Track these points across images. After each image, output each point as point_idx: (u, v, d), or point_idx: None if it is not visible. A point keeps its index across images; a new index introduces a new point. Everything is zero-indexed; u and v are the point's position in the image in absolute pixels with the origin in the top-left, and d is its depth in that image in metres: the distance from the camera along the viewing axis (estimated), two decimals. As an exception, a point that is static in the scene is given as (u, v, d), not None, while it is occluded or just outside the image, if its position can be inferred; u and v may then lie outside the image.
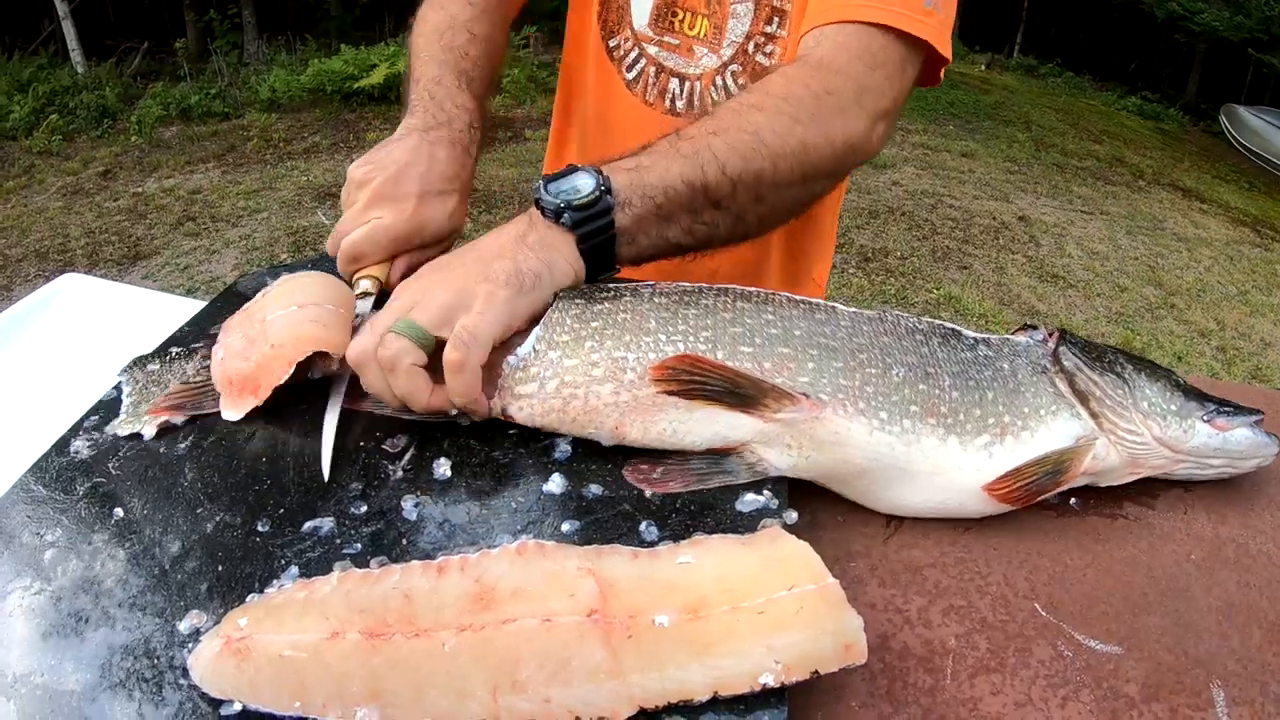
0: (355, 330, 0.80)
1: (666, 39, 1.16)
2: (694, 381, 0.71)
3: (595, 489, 0.72)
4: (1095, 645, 0.65)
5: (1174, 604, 0.69)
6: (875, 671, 0.62)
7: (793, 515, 0.70)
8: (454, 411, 0.77)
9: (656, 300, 0.79)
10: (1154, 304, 5.13)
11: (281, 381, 0.77)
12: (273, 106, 7.11)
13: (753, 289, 0.81)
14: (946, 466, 0.71)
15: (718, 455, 0.73)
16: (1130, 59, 13.19)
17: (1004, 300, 4.87)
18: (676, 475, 0.72)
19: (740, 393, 0.71)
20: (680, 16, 1.14)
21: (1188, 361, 4.47)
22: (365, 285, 0.89)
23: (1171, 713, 0.61)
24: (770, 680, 0.55)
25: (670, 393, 0.72)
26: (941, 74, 1.04)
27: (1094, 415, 0.75)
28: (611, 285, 0.82)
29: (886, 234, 5.56)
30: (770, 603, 0.58)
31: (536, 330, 0.77)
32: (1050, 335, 0.81)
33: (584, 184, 0.79)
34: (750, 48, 1.12)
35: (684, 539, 0.66)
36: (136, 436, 0.77)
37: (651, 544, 0.66)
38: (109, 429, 0.78)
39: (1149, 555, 0.73)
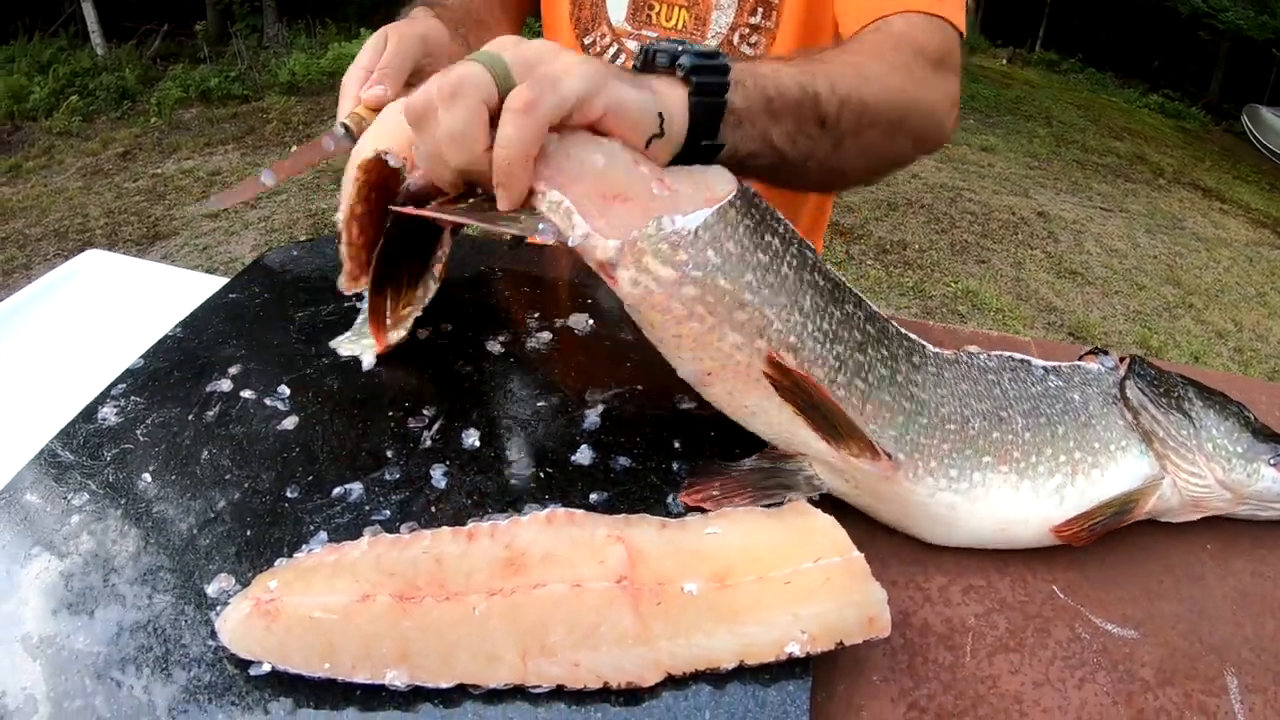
0: None
1: (645, 33, 1.15)
2: (801, 390, 0.66)
3: (623, 461, 0.73)
4: (1111, 629, 0.66)
5: (1189, 591, 0.69)
6: (896, 647, 0.63)
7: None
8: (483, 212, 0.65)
9: (815, 277, 0.69)
10: (1172, 303, 5.10)
11: (352, 200, 0.79)
12: (292, 89, 7.12)
13: (874, 309, 0.73)
14: (1013, 519, 0.69)
15: (774, 466, 0.70)
16: (1153, 56, 13.08)
17: (1021, 296, 4.85)
18: (735, 492, 0.68)
19: (834, 424, 0.66)
20: (657, 9, 1.13)
21: (1204, 362, 4.44)
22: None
23: (1186, 698, 0.61)
24: (796, 649, 0.55)
25: (773, 382, 0.66)
26: None
27: (1158, 456, 0.72)
28: (780, 218, 0.69)
29: (905, 227, 5.54)
30: (797, 574, 0.58)
31: (707, 212, 0.64)
32: (1121, 361, 0.78)
33: (700, 47, 0.71)
34: (735, 39, 1.12)
35: (711, 511, 0.66)
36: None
37: (679, 515, 0.67)
38: (333, 343, 0.84)
39: (1165, 542, 0.73)
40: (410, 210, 0.69)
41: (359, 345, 0.84)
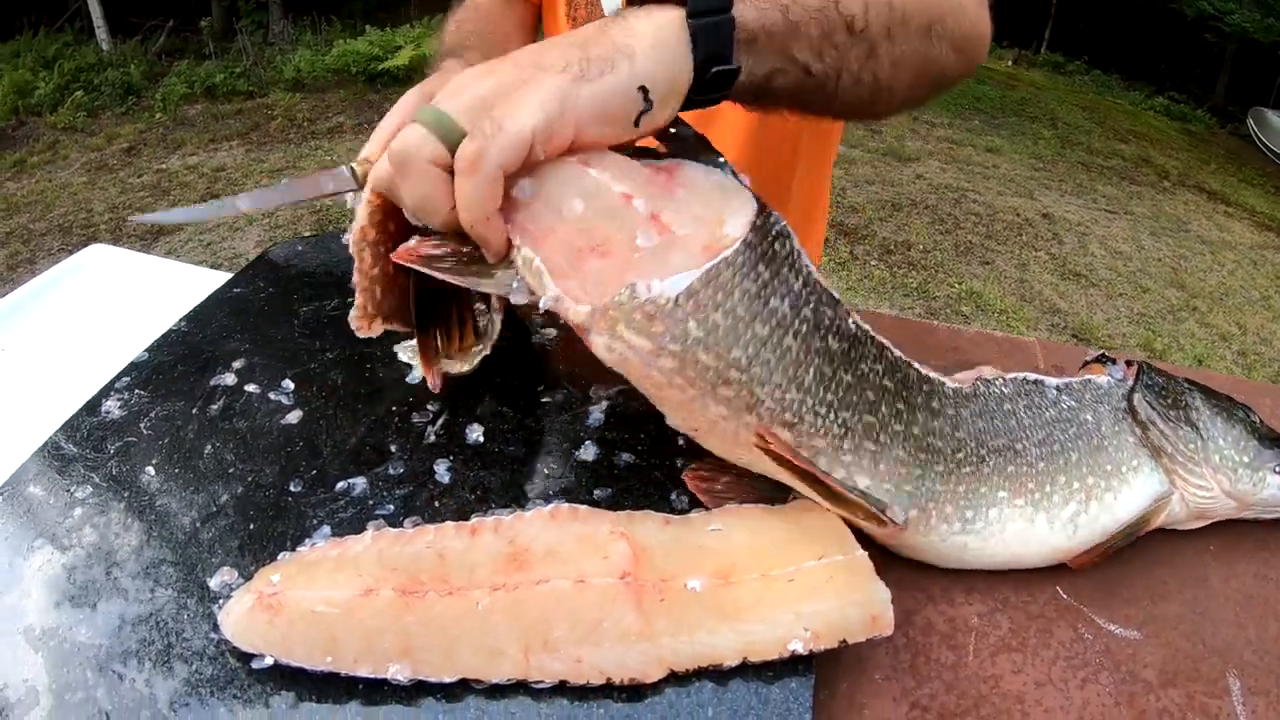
0: None
1: None
2: (793, 465, 0.61)
3: (627, 457, 0.73)
4: (1114, 629, 0.66)
5: (1192, 593, 0.69)
6: (899, 646, 0.63)
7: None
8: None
9: (829, 342, 0.62)
10: (1176, 306, 5.09)
11: (363, 221, 0.69)
12: (297, 86, 7.12)
13: (897, 356, 0.68)
14: (1025, 552, 0.68)
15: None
16: (1159, 58, 13.06)
17: (1025, 297, 4.85)
18: (738, 492, 0.67)
19: (834, 494, 0.62)
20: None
21: (1208, 365, 4.44)
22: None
23: (1188, 699, 0.61)
24: (799, 647, 0.55)
25: (765, 452, 0.61)
26: None
27: (1166, 471, 0.71)
28: (803, 268, 0.63)
29: (909, 227, 5.53)
30: (800, 572, 0.58)
31: (692, 275, 0.57)
32: (1129, 368, 0.76)
33: None
34: None
35: (715, 508, 0.66)
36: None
37: (682, 512, 0.67)
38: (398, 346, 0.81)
39: (1168, 544, 0.73)
40: (402, 260, 0.64)
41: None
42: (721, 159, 0.64)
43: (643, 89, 0.57)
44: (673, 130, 0.64)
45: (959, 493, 0.66)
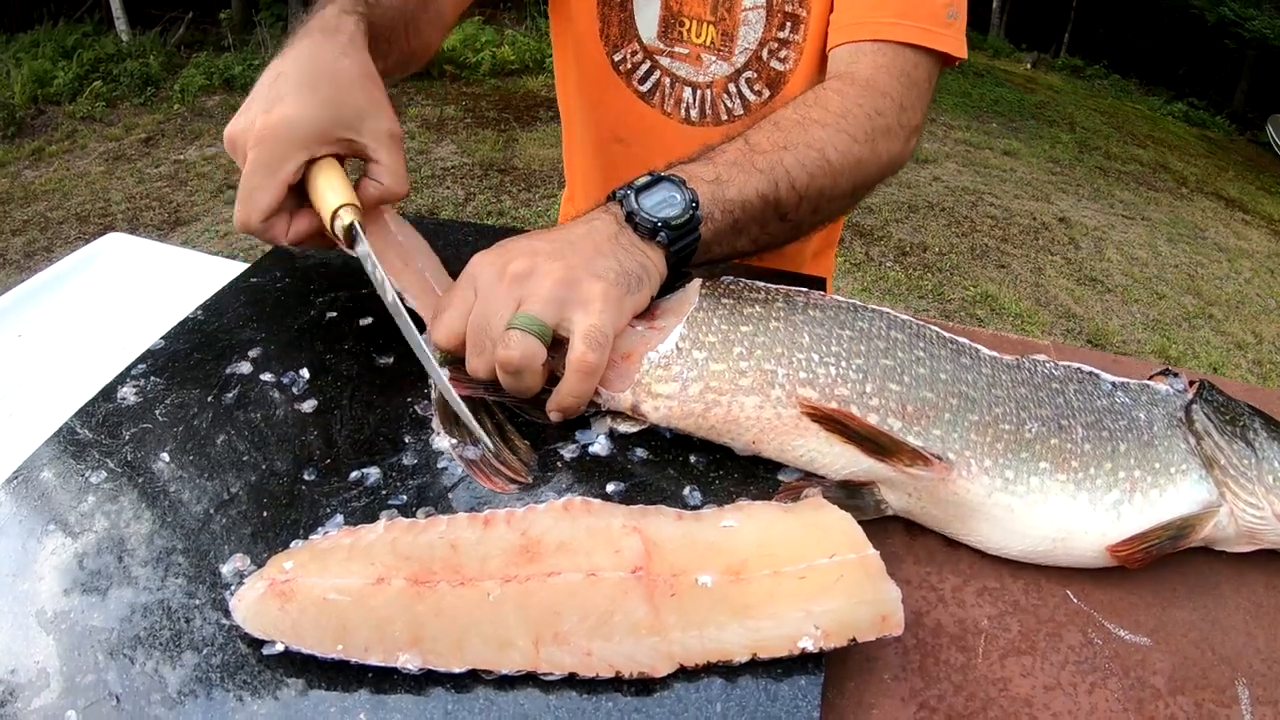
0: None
1: (677, 49, 1.17)
2: (837, 420, 0.70)
3: (641, 452, 0.73)
4: (1124, 635, 0.66)
5: (1203, 601, 0.69)
6: (908, 646, 0.63)
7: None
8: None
9: (810, 313, 0.78)
10: (1191, 313, 5.07)
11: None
12: (315, 79, 7.13)
13: (904, 318, 0.80)
14: (1072, 529, 0.68)
15: (853, 489, 0.72)
16: (1178, 64, 12.99)
17: (1040, 301, 4.83)
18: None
19: (880, 444, 0.69)
20: (687, 26, 1.15)
21: (1223, 373, 4.41)
22: (345, 219, 0.79)
23: (1196, 707, 0.61)
24: (809, 645, 0.55)
25: (813, 418, 0.70)
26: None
27: (1218, 483, 0.71)
28: (760, 287, 0.82)
29: (925, 229, 5.52)
30: (811, 569, 0.58)
31: (680, 328, 0.75)
32: (1190, 385, 0.78)
33: (675, 199, 0.79)
34: (764, 54, 1.13)
35: (727, 504, 0.66)
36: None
37: (695, 508, 0.67)
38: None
39: (1180, 551, 0.73)
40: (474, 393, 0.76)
41: None
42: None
43: (653, 298, 0.78)
44: None
45: (997, 449, 0.70)
